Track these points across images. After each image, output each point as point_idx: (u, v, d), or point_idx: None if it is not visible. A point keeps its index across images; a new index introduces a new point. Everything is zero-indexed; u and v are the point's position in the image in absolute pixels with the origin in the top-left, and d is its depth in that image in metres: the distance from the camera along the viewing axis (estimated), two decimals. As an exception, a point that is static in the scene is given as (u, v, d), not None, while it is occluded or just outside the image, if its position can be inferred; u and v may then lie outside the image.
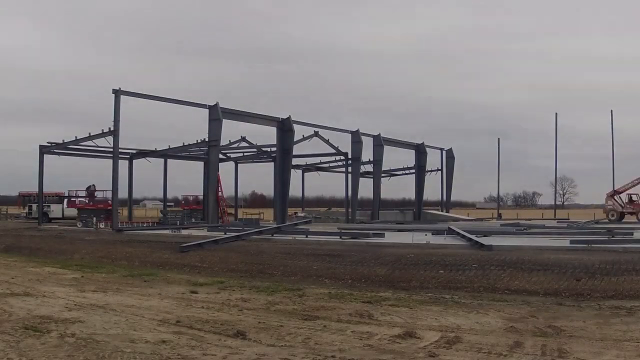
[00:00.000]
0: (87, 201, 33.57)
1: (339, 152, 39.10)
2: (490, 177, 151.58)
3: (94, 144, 29.66)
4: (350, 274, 13.14)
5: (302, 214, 40.84)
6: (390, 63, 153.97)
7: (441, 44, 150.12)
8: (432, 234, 20.97)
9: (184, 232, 24.50)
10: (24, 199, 41.61)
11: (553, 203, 64.63)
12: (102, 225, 27.79)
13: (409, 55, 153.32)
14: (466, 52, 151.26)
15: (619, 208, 40.76)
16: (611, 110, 50.22)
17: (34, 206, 36.82)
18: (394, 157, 45.66)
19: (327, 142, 36.31)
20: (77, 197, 36.40)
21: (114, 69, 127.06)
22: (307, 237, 20.47)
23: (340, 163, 41.79)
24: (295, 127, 33.07)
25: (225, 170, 41.20)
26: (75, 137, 30.88)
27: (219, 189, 32.21)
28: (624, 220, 38.63)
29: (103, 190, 32.74)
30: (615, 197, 41.35)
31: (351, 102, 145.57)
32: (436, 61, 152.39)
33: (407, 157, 46.00)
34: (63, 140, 31.49)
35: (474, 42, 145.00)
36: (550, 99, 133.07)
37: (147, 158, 35.55)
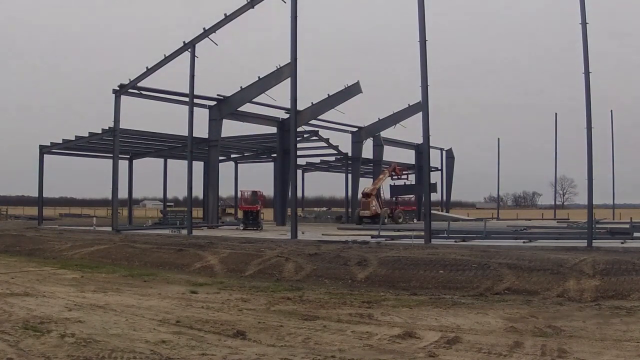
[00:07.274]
0: None
1: (339, 152, 39.11)
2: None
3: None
4: (350, 274, 13.13)
5: (302, 214, 40.81)
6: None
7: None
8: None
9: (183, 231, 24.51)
10: None
11: (553, 203, 64.67)
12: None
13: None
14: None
15: None
16: (611, 110, 50.22)
17: None
18: (394, 157, 45.60)
19: (326, 141, 36.30)
20: None
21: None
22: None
23: (340, 163, 41.83)
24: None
25: (226, 170, 41.24)
26: (75, 136, 31.02)
27: None
28: None
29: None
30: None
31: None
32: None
33: (408, 158, 45.96)
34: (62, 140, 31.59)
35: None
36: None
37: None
